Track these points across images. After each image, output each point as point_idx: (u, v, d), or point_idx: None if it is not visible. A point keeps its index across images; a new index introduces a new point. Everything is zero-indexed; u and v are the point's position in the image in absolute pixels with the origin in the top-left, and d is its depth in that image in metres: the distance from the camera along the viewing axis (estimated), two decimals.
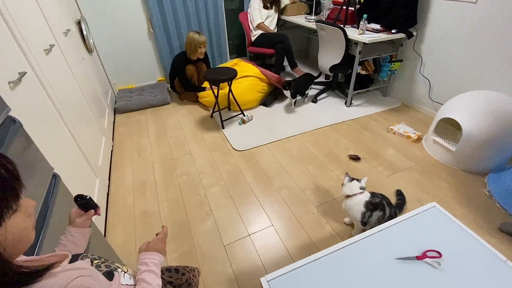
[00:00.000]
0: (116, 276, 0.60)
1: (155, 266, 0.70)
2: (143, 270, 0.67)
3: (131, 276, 0.66)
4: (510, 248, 1.38)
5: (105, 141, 2.12)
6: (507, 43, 1.86)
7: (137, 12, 2.96)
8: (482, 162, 1.80)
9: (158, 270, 0.70)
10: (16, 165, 0.44)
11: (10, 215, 0.41)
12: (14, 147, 0.80)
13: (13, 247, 0.41)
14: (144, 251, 0.73)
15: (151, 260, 0.70)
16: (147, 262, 0.69)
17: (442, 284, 0.86)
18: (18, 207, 0.43)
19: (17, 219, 0.42)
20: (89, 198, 0.77)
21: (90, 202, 0.77)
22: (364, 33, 2.32)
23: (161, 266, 0.73)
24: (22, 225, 0.43)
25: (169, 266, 1.01)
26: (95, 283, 0.49)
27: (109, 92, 2.94)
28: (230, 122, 2.58)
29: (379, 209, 1.33)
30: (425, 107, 2.60)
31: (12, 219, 0.41)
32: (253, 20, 3.14)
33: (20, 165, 0.47)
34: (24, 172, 0.82)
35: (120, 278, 0.62)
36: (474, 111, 1.74)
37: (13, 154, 0.79)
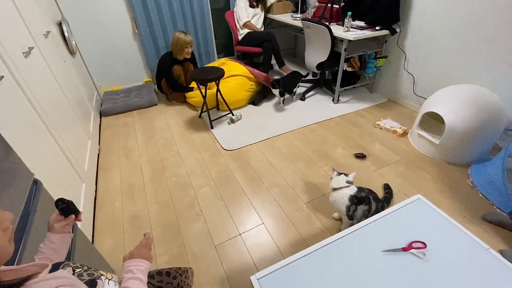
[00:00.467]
0: (99, 284, 0.59)
1: (141, 273, 0.68)
2: (128, 277, 0.65)
3: (116, 283, 0.64)
4: (493, 236, 1.43)
5: (91, 145, 2.07)
6: (487, 38, 1.92)
7: (121, 12, 2.91)
8: (465, 154, 1.86)
9: (145, 277, 0.68)
10: None
11: None
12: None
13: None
14: (128, 259, 0.70)
15: (136, 267, 0.68)
16: (132, 270, 0.67)
17: (427, 274, 0.89)
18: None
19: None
20: (70, 202, 0.75)
21: (71, 207, 0.75)
22: (349, 31, 2.35)
23: (148, 272, 0.72)
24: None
25: (161, 269, 0.99)
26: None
27: (94, 95, 2.87)
28: (219, 122, 2.57)
29: (364, 203, 1.35)
30: (410, 102, 2.66)
31: None
32: (240, 19, 3.14)
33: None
34: (2, 179, 0.79)
35: (104, 286, 0.60)
36: (456, 105, 1.79)
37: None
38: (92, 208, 1.68)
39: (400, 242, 1.00)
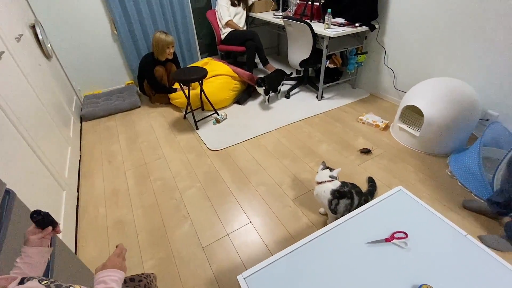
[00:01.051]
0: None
1: (115, 283, 0.66)
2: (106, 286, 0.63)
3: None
4: (472, 223, 1.49)
5: (71, 151, 2.00)
6: (462, 32, 1.99)
7: (99, 13, 2.82)
8: (444, 144, 1.92)
9: (118, 287, 0.67)
10: None
11: None
12: None
13: None
14: (100, 270, 0.68)
15: (109, 278, 0.66)
16: (105, 280, 0.65)
17: (408, 263, 0.91)
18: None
19: None
20: (46, 214, 0.72)
21: (47, 219, 0.72)
22: (329, 28, 2.38)
23: (122, 282, 0.70)
24: None
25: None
26: None
27: (73, 99, 2.78)
28: (204, 122, 2.55)
29: (346, 197, 1.37)
30: (391, 96, 2.73)
31: None
32: (222, 18, 3.11)
33: None
34: None
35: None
36: (434, 98, 1.85)
37: None
38: (75, 216, 1.63)
39: (382, 234, 1.02)
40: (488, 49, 1.88)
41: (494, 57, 1.86)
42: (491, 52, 1.87)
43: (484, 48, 1.90)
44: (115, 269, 0.69)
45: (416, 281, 0.86)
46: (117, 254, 0.75)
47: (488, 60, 1.90)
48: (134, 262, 1.38)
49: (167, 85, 2.82)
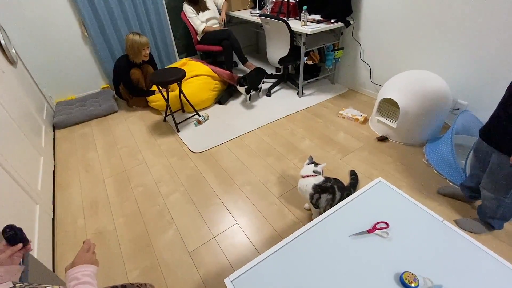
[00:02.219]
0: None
1: (89, 277, 0.66)
2: (74, 285, 0.62)
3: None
4: (449, 208, 1.56)
5: (44, 162, 1.90)
6: (432, 26, 2.07)
7: (66, 15, 2.68)
8: (419, 134, 2.00)
9: (93, 280, 0.66)
10: None
11: None
12: None
13: None
14: (70, 268, 0.67)
15: (81, 273, 0.66)
16: (77, 276, 0.65)
17: (390, 252, 0.94)
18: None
19: None
20: (19, 230, 0.69)
21: (19, 235, 0.68)
22: (306, 24, 2.40)
23: (95, 275, 0.69)
24: None
25: (115, 286, 0.93)
26: None
27: (44, 107, 2.63)
28: (185, 124, 2.50)
29: (327, 192, 1.39)
30: (368, 90, 2.81)
31: None
32: (197, 29, 3.05)
33: None
34: None
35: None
36: (408, 90, 1.92)
37: None
38: (50, 231, 1.54)
39: (365, 225, 1.04)
40: (456, 44, 1.97)
41: (462, 51, 1.96)
42: (459, 47, 1.96)
43: (452, 42, 1.99)
44: (86, 264, 0.68)
45: (398, 269, 0.88)
46: (85, 250, 0.74)
47: (457, 53, 1.99)
48: (117, 273, 1.33)
49: (145, 88, 2.74)
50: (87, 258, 0.71)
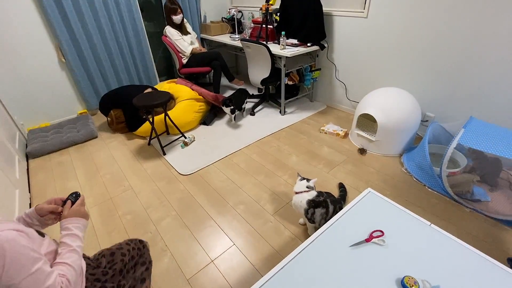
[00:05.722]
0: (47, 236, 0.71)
1: (78, 230, 0.74)
2: (65, 234, 0.72)
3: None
4: (430, 213, 1.68)
5: (19, 195, 1.76)
6: (398, 48, 2.32)
7: (42, 40, 2.61)
8: (396, 146, 2.16)
9: (82, 233, 0.75)
10: None
11: None
12: None
13: None
14: (64, 218, 0.75)
15: (73, 225, 0.73)
16: (69, 227, 0.73)
17: (389, 258, 0.99)
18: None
19: None
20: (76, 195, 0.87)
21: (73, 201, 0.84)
22: (285, 48, 2.56)
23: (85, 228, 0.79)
24: None
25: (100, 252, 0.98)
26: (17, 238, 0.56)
27: (16, 135, 2.47)
28: (171, 146, 2.47)
29: (321, 206, 1.44)
30: (345, 106, 3.00)
31: None
32: (184, 51, 3.11)
33: None
34: None
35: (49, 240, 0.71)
36: (383, 106, 2.09)
37: None
38: None
39: (362, 235, 1.10)
40: (421, 64, 2.22)
41: (426, 70, 2.21)
42: (424, 66, 2.21)
43: (417, 63, 2.24)
44: (77, 218, 0.76)
45: (398, 273, 0.93)
46: (78, 204, 0.83)
47: (422, 72, 2.24)
48: None
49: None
50: (80, 212, 0.79)
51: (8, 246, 0.53)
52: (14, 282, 0.53)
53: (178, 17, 3.01)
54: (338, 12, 2.58)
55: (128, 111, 2.59)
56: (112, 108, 2.66)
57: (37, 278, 0.56)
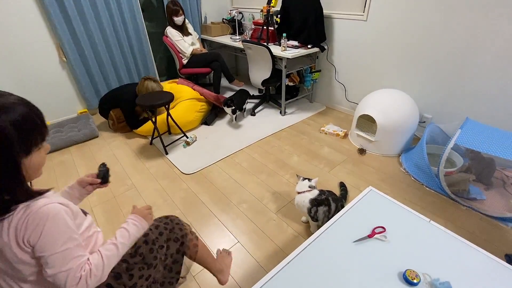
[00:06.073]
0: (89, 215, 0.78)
1: (133, 227, 0.77)
2: (122, 226, 0.78)
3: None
4: (429, 210, 1.73)
5: None
6: (396, 51, 2.37)
7: (43, 39, 2.62)
8: (395, 146, 2.22)
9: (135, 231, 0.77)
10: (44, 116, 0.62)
11: (35, 150, 0.58)
12: None
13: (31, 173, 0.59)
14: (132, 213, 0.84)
15: (132, 221, 0.79)
16: (128, 222, 0.80)
17: (391, 253, 1.03)
18: (42, 146, 0.59)
19: (39, 154, 0.59)
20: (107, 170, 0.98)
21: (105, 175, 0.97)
22: (286, 50, 2.60)
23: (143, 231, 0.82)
24: (40, 160, 0.61)
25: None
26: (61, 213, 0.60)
27: None
28: (173, 146, 2.49)
29: (323, 205, 1.48)
30: (344, 107, 3.05)
31: (36, 153, 0.58)
32: (185, 51, 3.14)
33: None
34: None
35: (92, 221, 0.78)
36: (382, 107, 2.14)
37: None
38: None
39: (365, 231, 1.13)
40: (418, 66, 2.28)
41: (424, 73, 2.26)
42: (421, 69, 2.27)
43: (415, 65, 2.29)
44: (140, 217, 0.82)
45: (400, 267, 0.97)
46: (146, 207, 0.90)
47: (419, 74, 2.30)
48: None
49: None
50: (144, 213, 0.85)
51: (51, 219, 0.57)
52: (43, 255, 0.56)
53: (179, 19, 3.04)
54: (338, 14, 2.63)
55: (126, 109, 2.60)
56: (111, 109, 2.67)
57: (62, 257, 0.58)
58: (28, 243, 0.55)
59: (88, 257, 0.64)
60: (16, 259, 0.56)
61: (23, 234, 0.55)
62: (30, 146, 0.54)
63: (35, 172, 0.60)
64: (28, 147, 0.54)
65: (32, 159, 0.56)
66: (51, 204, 0.59)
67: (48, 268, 0.57)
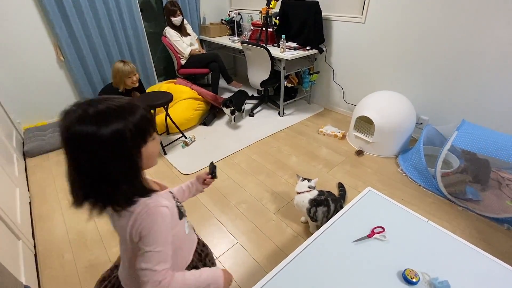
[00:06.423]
0: (184, 219, 0.81)
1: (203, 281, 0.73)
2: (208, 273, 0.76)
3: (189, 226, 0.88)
4: (426, 211, 1.75)
5: (20, 193, 1.75)
6: (394, 53, 2.40)
7: (41, 38, 2.59)
8: (392, 147, 2.24)
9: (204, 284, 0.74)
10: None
11: (150, 140, 0.63)
12: None
13: (147, 161, 0.64)
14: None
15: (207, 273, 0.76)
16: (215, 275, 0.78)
17: (390, 252, 1.04)
18: (155, 137, 0.66)
19: (152, 144, 0.65)
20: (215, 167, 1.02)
21: (213, 171, 1.01)
22: (285, 51, 2.62)
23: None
24: (154, 149, 0.67)
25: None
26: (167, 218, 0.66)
27: (13, 134, 2.44)
28: (172, 146, 2.49)
29: (323, 205, 1.49)
30: (342, 108, 3.07)
31: (150, 143, 0.64)
32: (183, 52, 3.13)
33: None
34: None
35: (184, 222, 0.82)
36: (380, 109, 2.17)
37: None
38: (35, 268, 1.41)
39: (364, 231, 1.14)
40: (416, 69, 2.31)
41: (421, 75, 2.30)
42: (418, 71, 2.30)
43: (412, 68, 2.32)
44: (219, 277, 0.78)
45: (399, 267, 0.98)
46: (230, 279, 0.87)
47: (416, 77, 2.33)
48: None
49: None
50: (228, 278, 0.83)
51: (160, 219, 0.63)
52: (146, 250, 0.62)
53: (177, 19, 3.03)
54: (336, 17, 2.66)
55: None
56: None
57: (158, 256, 0.63)
58: (138, 235, 0.62)
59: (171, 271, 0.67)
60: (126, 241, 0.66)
61: (138, 226, 0.62)
62: (145, 137, 0.62)
63: (151, 160, 0.66)
64: (144, 138, 0.62)
65: (148, 148, 0.63)
66: (162, 207, 0.65)
67: (143, 261, 0.62)
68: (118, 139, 0.57)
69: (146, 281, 0.62)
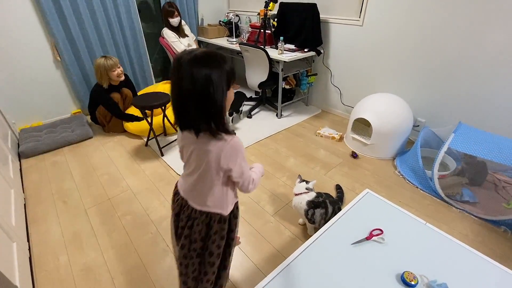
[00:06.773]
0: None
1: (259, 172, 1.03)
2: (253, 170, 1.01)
3: None
4: (424, 213, 1.76)
5: (14, 194, 1.72)
6: (391, 56, 2.42)
7: (37, 38, 2.57)
8: (390, 149, 2.25)
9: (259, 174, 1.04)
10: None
11: (229, 88, 0.78)
12: None
13: (227, 104, 0.79)
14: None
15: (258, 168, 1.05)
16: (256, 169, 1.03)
17: (389, 255, 1.04)
18: (233, 86, 0.80)
19: (231, 91, 0.80)
20: None
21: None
22: (283, 53, 2.62)
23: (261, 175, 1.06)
24: (232, 95, 0.81)
25: None
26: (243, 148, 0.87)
27: (8, 135, 2.41)
28: (169, 147, 2.47)
29: (320, 207, 1.49)
30: (339, 110, 3.08)
31: (230, 90, 0.79)
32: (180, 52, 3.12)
33: None
34: None
35: None
36: (378, 111, 2.18)
37: None
38: (29, 271, 1.39)
39: (363, 233, 1.15)
40: (413, 72, 2.32)
41: (418, 78, 2.31)
42: (415, 74, 2.31)
43: (409, 71, 2.34)
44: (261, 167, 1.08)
45: (398, 269, 0.98)
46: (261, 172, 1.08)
47: (413, 79, 2.34)
48: None
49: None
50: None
51: (240, 148, 0.85)
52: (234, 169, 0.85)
53: (175, 20, 3.03)
54: (334, 19, 2.67)
55: (100, 98, 2.52)
56: (95, 111, 2.63)
57: (246, 171, 0.91)
58: (227, 165, 0.83)
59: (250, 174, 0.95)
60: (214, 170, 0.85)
61: (226, 157, 0.82)
62: (230, 83, 0.77)
63: (229, 103, 0.81)
64: (229, 84, 0.77)
65: (229, 93, 0.79)
66: (238, 139, 0.84)
67: (236, 178, 0.88)
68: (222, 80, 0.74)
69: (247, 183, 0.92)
